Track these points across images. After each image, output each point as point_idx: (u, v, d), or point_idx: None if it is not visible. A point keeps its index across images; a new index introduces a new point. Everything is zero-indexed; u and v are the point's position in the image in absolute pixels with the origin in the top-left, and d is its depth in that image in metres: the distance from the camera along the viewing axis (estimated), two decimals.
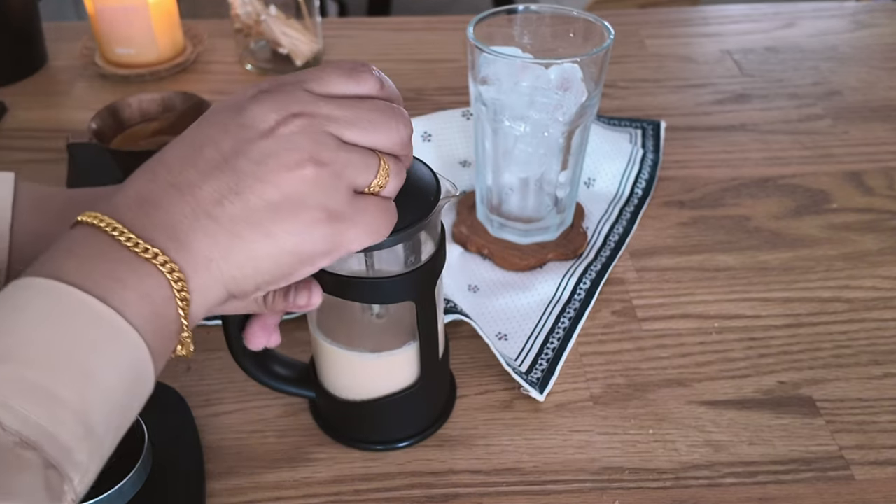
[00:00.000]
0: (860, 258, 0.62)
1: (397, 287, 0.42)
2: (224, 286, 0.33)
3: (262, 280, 0.34)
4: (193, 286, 0.32)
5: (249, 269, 0.33)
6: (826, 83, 0.86)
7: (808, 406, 0.51)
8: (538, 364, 0.53)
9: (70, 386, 0.28)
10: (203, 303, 0.33)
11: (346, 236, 0.35)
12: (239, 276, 0.33)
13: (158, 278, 0.31)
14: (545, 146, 0.57)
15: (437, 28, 0.98)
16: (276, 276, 0.35)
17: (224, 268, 0.33)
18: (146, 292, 0.31)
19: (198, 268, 0.32)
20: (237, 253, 0.33)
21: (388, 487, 0.46)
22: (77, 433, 0.28)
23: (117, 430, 0.31)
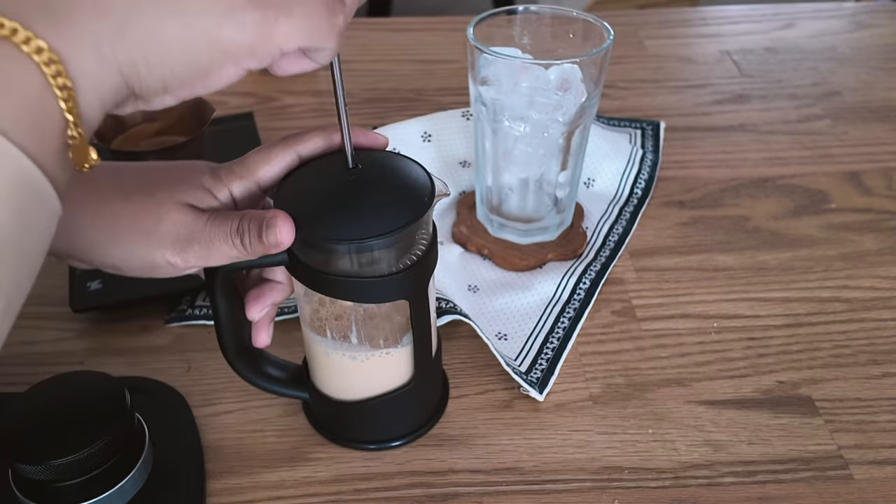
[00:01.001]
0: (859, 258, 0.62)
1: (391, 286, 0.42)
2: (121, 74, 0.27)
3: (170, 73, 0.28)
4: (76, 70, 0.26)
5: (153, 52, 0.27)
6: (825, 84, 0.86)
7: (806, 406, 0.51)
8: (538, 364, 0.53)
9: None
10: (95, 93, 0.27)
11: (278, 28, 0.29)
12: (140, 62, 0.27)
13: (23, 63, 0.25)
14: (545, 146, 0.57)
15: (437, 29, 0.98)
16: (188, 72, 0.28)
17: (119, 48, 0.26)
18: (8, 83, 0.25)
19: (81, 46, 0.26)
20: (136, 28, 0.27)
21: (388, 487, 0.46)
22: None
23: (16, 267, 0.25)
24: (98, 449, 0.40)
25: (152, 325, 0.57)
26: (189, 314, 0.57)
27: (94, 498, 0.41)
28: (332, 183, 0.41)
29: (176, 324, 0.57)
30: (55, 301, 0.57)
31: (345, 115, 0.39)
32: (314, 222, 0.39)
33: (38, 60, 0.25)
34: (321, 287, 0.41)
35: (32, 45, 0.25)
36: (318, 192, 0.41)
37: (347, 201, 0.40)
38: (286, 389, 0.49)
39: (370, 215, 0.39)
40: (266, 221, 0.38)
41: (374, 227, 0.39)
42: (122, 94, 0.28)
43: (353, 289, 0.41)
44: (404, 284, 0.42)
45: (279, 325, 0.52)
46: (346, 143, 0.40)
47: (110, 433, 0.40)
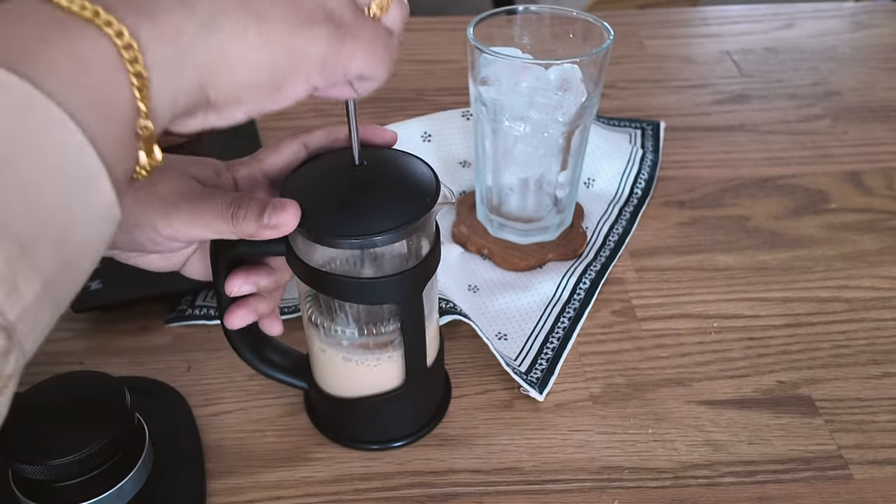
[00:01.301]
0: (859, 258, 0.62)
1: (381, 289, 0.41)
2: (198, 74, 0.27)
3: (247, 79, 0.28)
4: (153, 60, 0.25)
5: (234, 55, 0.27)
6: (825, 83, 0.86)
7: (806, 405, 0.51)
8: (538, 364, 0.53)
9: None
10: (169, 89, 0.26)
11: (346, 47, 0.30)
12: (218, 66, 0.27)
13: (99, 40, 0.24)
14: (545, 146, 0.57)
15: (438, 28, 0.98)
16: (264, 80, 0.29)
17: (200, 47, 0.26)
18: (81, 56, 0.24)
19: (163, 38, 0.26)
20: (219, 31, 0.27)
21: (388, 487, 0.46)
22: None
23: (60, 247, 0.24)
24: (98, 449, 0.40)
25: (152, 325, 0.57)
26: (189, 314, 0.57)
27: (94, 498, 0.41)
28: (334, 178, 0.41)
29: (176, 324, 0.57)
30: None
31: (353, 111, 0.39)
32: (309, 216, 0.39)
33: (116, 43, 0.24)
34: (311, 281, 0.41)
35: (113, 28, 0.24)
36: (318, 187, 0.40)
37: (346, 198, 0.39)
38: (285, 376, 0.48)
39: (366, 215, 0.39)
40: (274, 203, 0.37)
41: (363, 227, 0.38)
42: (195, 97, 0.28)
43: (342, 287, 0.41)
44: (395, 289, 0.41)
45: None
46: (353, 139, 0.40)
47: (110, 433, 0.40)
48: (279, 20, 0.28)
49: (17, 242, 0.22)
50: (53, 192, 0.23)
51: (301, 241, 0.41)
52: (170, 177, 0.39)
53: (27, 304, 0.23)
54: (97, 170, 0.24)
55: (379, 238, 0.38)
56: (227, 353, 0.49)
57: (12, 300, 0.22)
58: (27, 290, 0.23)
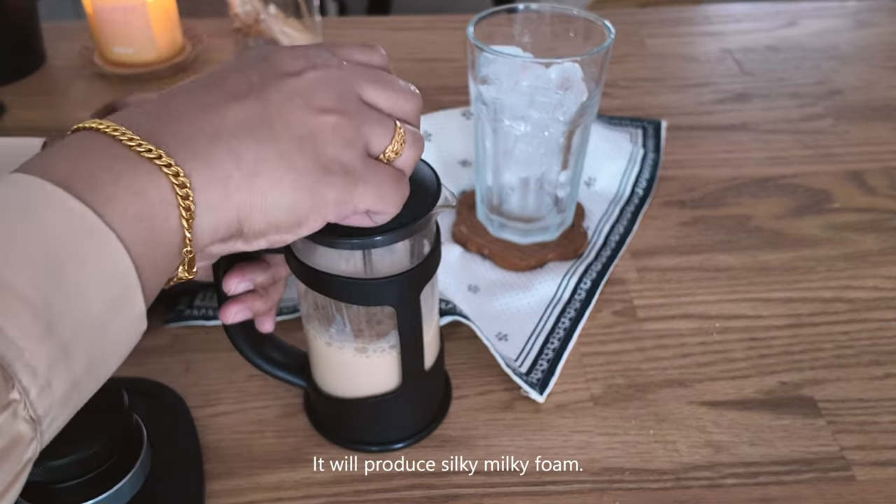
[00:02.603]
0: (861, 258, 0.62)
1: (375, 290, 0.41)
2: (236, 212, 0.31)
3: (275, 219, 0.33)
4: (203, 200, 0.30)
5: (271, 200, 0.32)
6: (827, 82, 0.85)
7: (809, 406, 0.51)
8: (538, 364, 0.53)
9: (27, 278, 0.25)
10: (212, 223, 0.31)
11: (357, 191, 0.34)
12: (257, 206, 0.32)
13: (158, 178, 0.29)
14: (545, 146, 0.57)
15: (437, 27, 0.97)
16: (290, 219, 0.33)
17: (243, 190, 0.31)
18: (139, 190, 0.28)
19: (213, 181, 0.30)
20: (260, 178, 0.31)
21: (388, 488, 0.46)
22: (30, 330, 0.25)
23: (92, 353, 0.27)
24: (96, 450, 0.40)
25: (151, 325, 0.56)
26: (188, 314, 0.56)
27: (92, 499, 0.41)
28: None
29: (175, 324, 0.56)
30: None
31: None
32: None
33: (172, 181, 0.29)
34: (308, 281, 0.41)
35: (172, 169, 0.29)
36: None
37: None
38: (284, 374, 0.48)
39: None
40: None
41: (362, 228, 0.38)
42: (232, 230, 0.32)
43: (338, 287, 0.41)
44: (392, 291, 0.41)
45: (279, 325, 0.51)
46: None
47: (108, 434, 0.40)
48: (307, 171, 0.33)
49: (61, 347, 0.26)
50: (97, 300, 0.27)
51: (300, 240, 0.40)
52: None
53: (55, 401, 0.26)
54: (135, 287, 0.28)
55: (377, 239, 0.38)
56: (226, 354, 0.50)
57: (44, 396, 0.25)
58: (58, 388, 0.26)
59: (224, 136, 0.31)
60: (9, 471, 0.25)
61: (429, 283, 0.43)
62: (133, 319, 0.29)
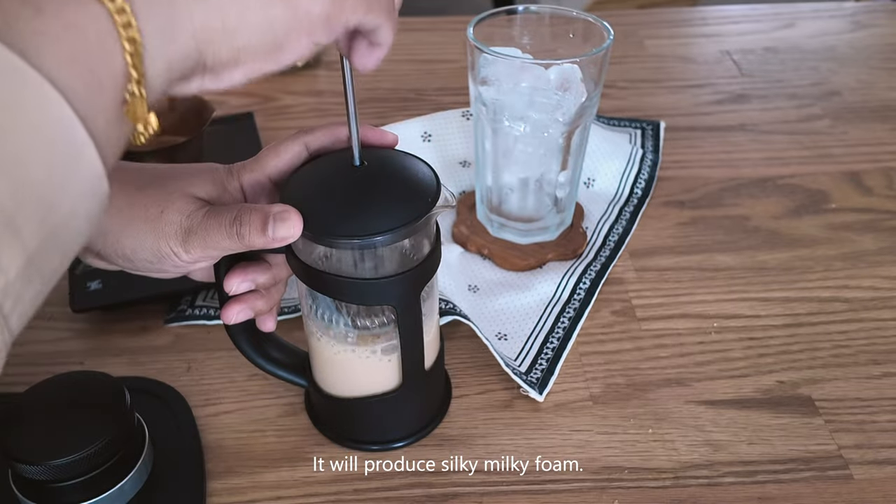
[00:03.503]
0: (859, 258, 0.62)
1: (376, 290, 0.41)
2: (194, 38, 0.26)
3: (246, 41, 0.27)
4: (149, 26, 0.25)
5: (232, 16, 0.26)
6: (825, 83, 0.86)
7: (807, 405, 0.51)
8: (538, 364, 0.53)
9: None
10: (165, 55, 0.25)
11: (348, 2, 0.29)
12: (217, 26, 0.26)
13: (91, 7, 0.24)
14: (545, 146, 0.57)
15: (438, 28, 0.98)
16: (264, 42, 0.28)
17: (196, 10, 0.26)
18: (71, 21, 0.23)
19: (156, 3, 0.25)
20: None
21: (388, 487, 0.46)
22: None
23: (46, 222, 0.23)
24: (98, 449, 0.40)
25: (152, 325, 0.57)
26: (189, 314, 0.57)
27: (94, 498, 0.41)
28: (334, 179, 0.40)
29: (176, 324, 0.57)
30: (55, 301, 0.57)
31: (353, 111, 0.39)
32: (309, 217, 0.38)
33: (108, 7, 0.24)
34: (309, 280, 0.41)
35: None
36: (318, 188, 0.40)
37: (346, 198, 0.39)
38: (285, 373, 0.48)
39: (365, 215, 0.39)
40: (276, 215, 0.38)
41: (362, 227, 0.38)
42: (192, 61, 0.27)
43: (338, 287, 0.41)
44: (392, 290, 0.41)
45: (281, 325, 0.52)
46: (354, 140, 0.40)
47: (110, 433, 0.40)
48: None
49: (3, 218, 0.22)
50: (38, 163, 0.23)
51: (300, 240, 0.41)
52: (174, 205, 0.39)
53: (11, 278, 0.22)
54: (84, 142, 0.24)
55: (377, 239, 0.38)
56: (227, 354, 0.50)
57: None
58: (10, 263, 0.22)
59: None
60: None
61: (429, 283, 0.44)
62: (90, 179, 0.24)
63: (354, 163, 0.40)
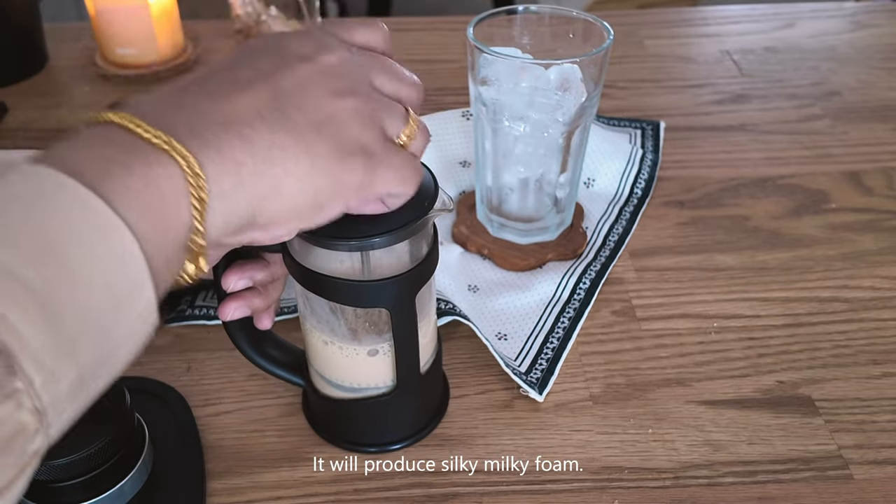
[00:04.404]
0: (859, 258, 0.62)
1: (372, 292, 0.41)
2: (250, 203, 0.30)
3: (292, 206, 0.32)
4: (215, 189, 0.29)
5: (286, 187, 0.31)
6: (825, 83, 0.86)
7: (807, 405, 0.51)
8: (538, 364, 0.53)
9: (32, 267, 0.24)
10: (224, 214, 0.30)
11: (378, 174, 0.34)
12: (270, 195, 0.31)
13: (168, 165, 0.28)
14: (545, 146, 0.57)
15: (437, 28, 0.98)
16: (308, 205, 0.32)
17: (256, 180, 0.30)
18: (151, 180, 0.27)
19: (224, 170, 0.29)
20: (274, 165, 0.30)
21: (388, 487, 0.46)
22: (34, 318, 0.24)
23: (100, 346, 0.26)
24: (98, 449, 0.40)
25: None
26: (189, 314, 0.57)
27: (94, 498, 0.41)
28: None
29: (176, 324, 0.57)
30: None
31: None
32: None
33: (185, 170, 0.28)
34: (303, 280, 0.41)
35: (184, 158, 0.28)
36: None
37: None
38: (283, 372, 0.48)
39: (361, 217, 0.38)
40: None
41: (356, 230, 0.38)
42: (246, 221, 0.31)
43: (332, 288, 0.41)
44: (387, 293, 0.41)
45: (280, 325, 0.52)
46: None
47: (110, 433, 0.40)
48: (325, 154, 0.32)
49: (67, 337, 0.25)
50: (104, 296, 0.26)
51: (296, 240, 0.41)
52: None
53: (61, 393, 0.25)
54: (145, 277, 0.27)
55: (374, 241, 0.38)
56: (227, 354, 0.50)
57: (49, 387, 0.24)
58: (64, 379, 0.25)
59: (235, 125, 0.30)
60: (13, 463, 0.24)
61: (425, 286, 0.43)
62: (144, 313, 0.28)
63: None
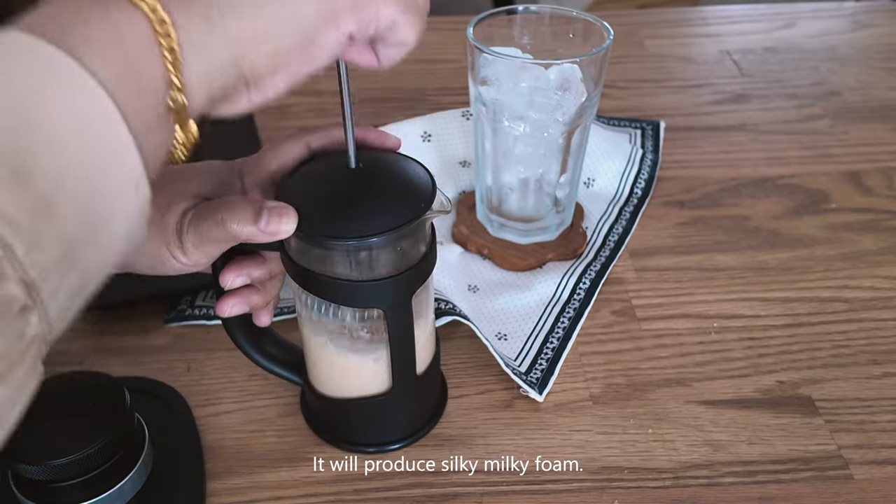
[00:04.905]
0: (859, 258, 0.62)
1: (368, 292, 0.41)
2: (228, 48, 0.27)
3: (278, 47, 0.28)
4: (186, 37, 0.26)
5: (262, 25, 0.27)
6: (825, 83, 0.86)
7: (807, 405, 0.51)
8: (538, 364, 0.53)
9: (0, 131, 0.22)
10: (201, 65, 0.27)
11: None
12: (249, 36, 0.27)
13: (134, 14, 0.25)
14: (545, 146, 0.57)
15: (437, 28, 0.97)
16: (297, 40, 0.28)
17: (230, 19, 0.27)
18: (116, 29, 0.24)
19: (193, 15, 0.26)
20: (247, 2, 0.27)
21: (388, 487, 0.46)
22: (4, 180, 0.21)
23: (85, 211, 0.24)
24: (98, 449, 0.40)
25: (152, 325, 0.57)
26: (189, 314, 0.57)
27: (94, 498, 0.41)
28: (329, 180, 0.40)
29: (176, 324, 0.57)
30: None
31: (349, 113, 0.39)
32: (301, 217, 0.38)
33: (150, 18, 0.25)
34: (300, 279, 0.41)
35: (147, 4, 0.25)
36: (313, 189, 0.40)
37: (339, 200, 0.39)
38: (281, 369, 0.48)
39: (357, 218, 0.38)
40: (271, 209, 0.38)
41: (352, 229, 0.38)
42: (231, 74, 0.28)
43: (328, 288, 0.41)
44: (382, 293, 0.41)
45: (279, 325, 0.52)
46: (350, 142, 0.40)
47: (110, 433, 0.40)
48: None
49: (42, 197, 0.22)
50: (79, 153, 0.23)
51: (293, 239, 0.41)
52: (173, 207, 0.39)
53: (49, 263, 0.22)
54: (125, 140, 0.24)
55: (366, 241, 0.38)
56: (227, 354, 0.50)
57: (34, 256, 0.22)
58: (50, 250, 0.22)
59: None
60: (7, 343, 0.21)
61: (422, 288, 0.43)
62: (130, 178, 0.25)
63: (350, 165, 0.40)
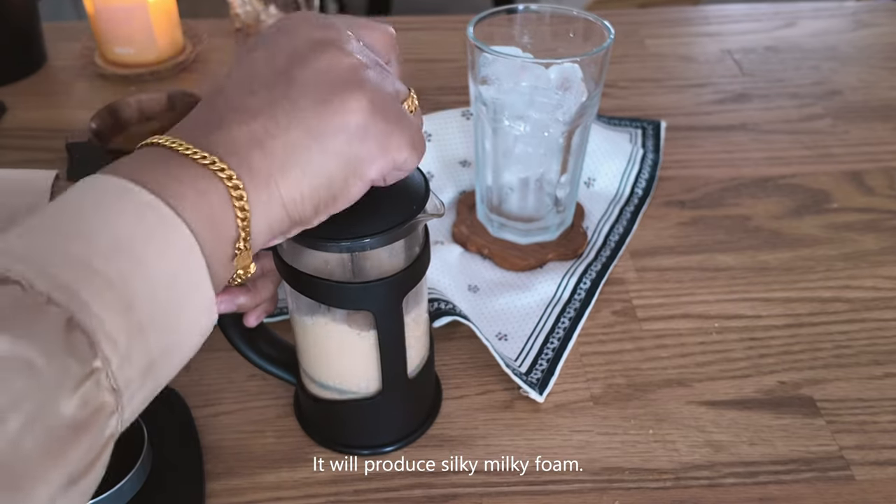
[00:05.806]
0: (861, 258, 0.62)
1: (358, 294, 0.40)
2: (284, 207, 0.33)
3: (318, 196, 0.34)
4: (253, 199, 0.32)
5: (306, 183, 0.33)
6: (826, 83, 0.85)
7: (808, 406, 0.51)
8: (538, 364, 0.53)
9: (110, 262, 0.27)
10: (265, 221, 0.33)
11: (392, 140, 0.35)
12: (297, 196, 0.33)
13: (214, 181, 0.31)
14: (545, 146, 0.57)
15: (437, 28, 0.97)
16: (331, 191, 0.34)
17: (283, 186, 0.33)
18: (202, 191, 0.31)
19: (258, 183, 0.32)
20: (294, 167, 0.33)
21: (388, 487, 0.46)
22: (112, 305, 0.27)
23: (167, 335, 0.29)
24: None
25: None
26: None
27: (93, 499, 0.41)
28: None
29: None
30: None
31: None
32: None
33: (227, 184, 0.31)
34: (290, 280, 0.41)
35: (226, 174, 0.31)
36: None
37: None
38: (274, 368, 0.48)
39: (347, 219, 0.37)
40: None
41: (342, 231, 0.38)
42: (285, 224, 0.34)
43: (318, 289, 0.41)
44: (372, 295, 0.41)
45: (280, 325, 0.52)
46: None
47: None
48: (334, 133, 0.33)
49: (139, 323, 0.27)
50: (171, 289, 0.29)
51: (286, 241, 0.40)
52: None
53: (134, 375, 0.27)
54: (204, 276, 0.30)
55: (360, 243, 0.38)
56: (226, 354, 0.49)
57: (124, 368, 0.27)
58: (137, 362, 0.27)
59: (257, 138, 0.33)
60: (91, 445, 0.26)
61: (413, 290, 0.43)
62: (204, 307, 0.31)
63: None
